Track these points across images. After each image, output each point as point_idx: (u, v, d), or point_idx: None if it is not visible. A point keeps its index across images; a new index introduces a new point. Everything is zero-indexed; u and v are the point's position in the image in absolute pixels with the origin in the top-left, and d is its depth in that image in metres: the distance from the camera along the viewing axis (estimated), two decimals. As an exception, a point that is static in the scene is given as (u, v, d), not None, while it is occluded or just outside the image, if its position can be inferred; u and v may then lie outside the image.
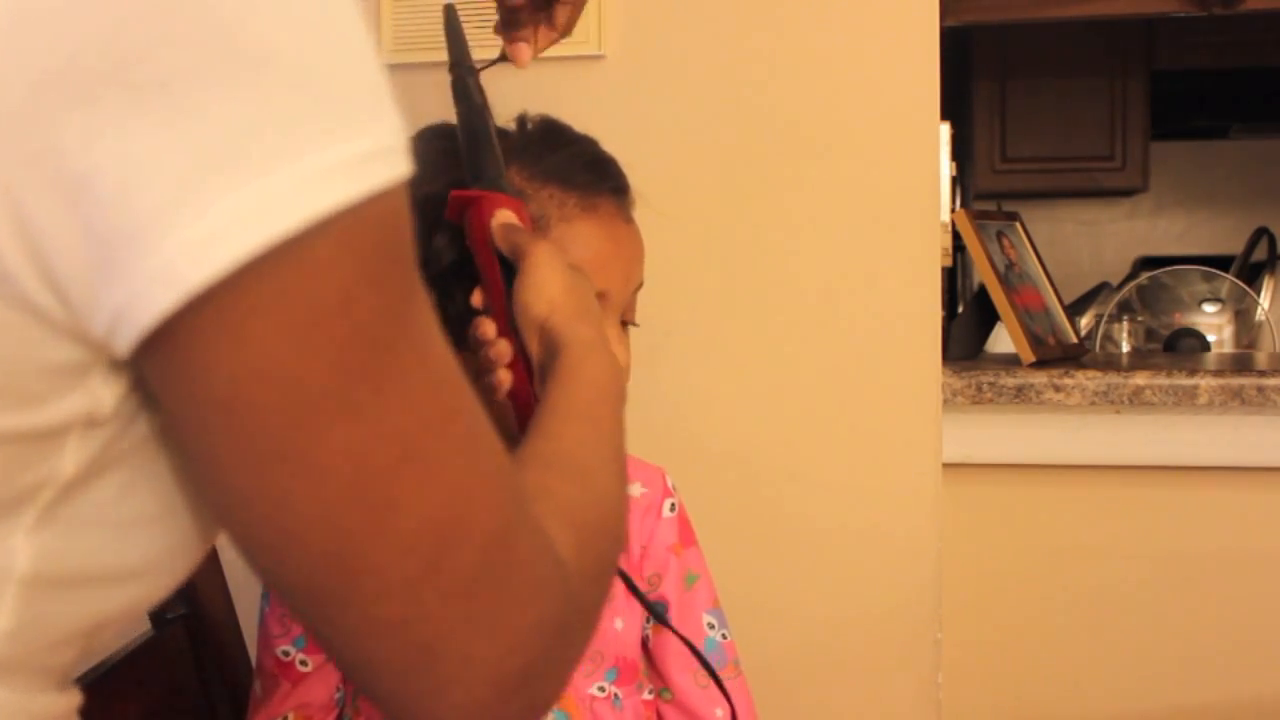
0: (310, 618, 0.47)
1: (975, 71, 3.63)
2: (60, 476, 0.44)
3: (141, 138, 0.39)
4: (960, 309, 3.32)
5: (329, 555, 0.44)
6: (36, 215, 0.39)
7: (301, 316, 0.41)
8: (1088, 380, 1.46)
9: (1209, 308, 2.52)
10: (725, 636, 1.08)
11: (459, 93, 0.88)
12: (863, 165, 1.30)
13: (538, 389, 0.76)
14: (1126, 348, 2.40)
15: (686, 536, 1.09)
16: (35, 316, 0.41)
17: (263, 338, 0.41)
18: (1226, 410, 1.46)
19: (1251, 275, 2.73)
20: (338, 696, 0.98)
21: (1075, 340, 1.70)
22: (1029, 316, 1.59)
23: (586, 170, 0.96)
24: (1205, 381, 1.45)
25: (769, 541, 1.32)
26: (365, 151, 0.42)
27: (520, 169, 0.94)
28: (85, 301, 0.41)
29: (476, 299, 0.84)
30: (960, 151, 3.53)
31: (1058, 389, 1.47)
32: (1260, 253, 2.86)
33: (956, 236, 1.66)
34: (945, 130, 1.55)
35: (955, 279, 3.41)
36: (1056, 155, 3.64)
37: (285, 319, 0.41)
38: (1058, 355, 1.60)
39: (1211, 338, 2.48)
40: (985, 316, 1.72)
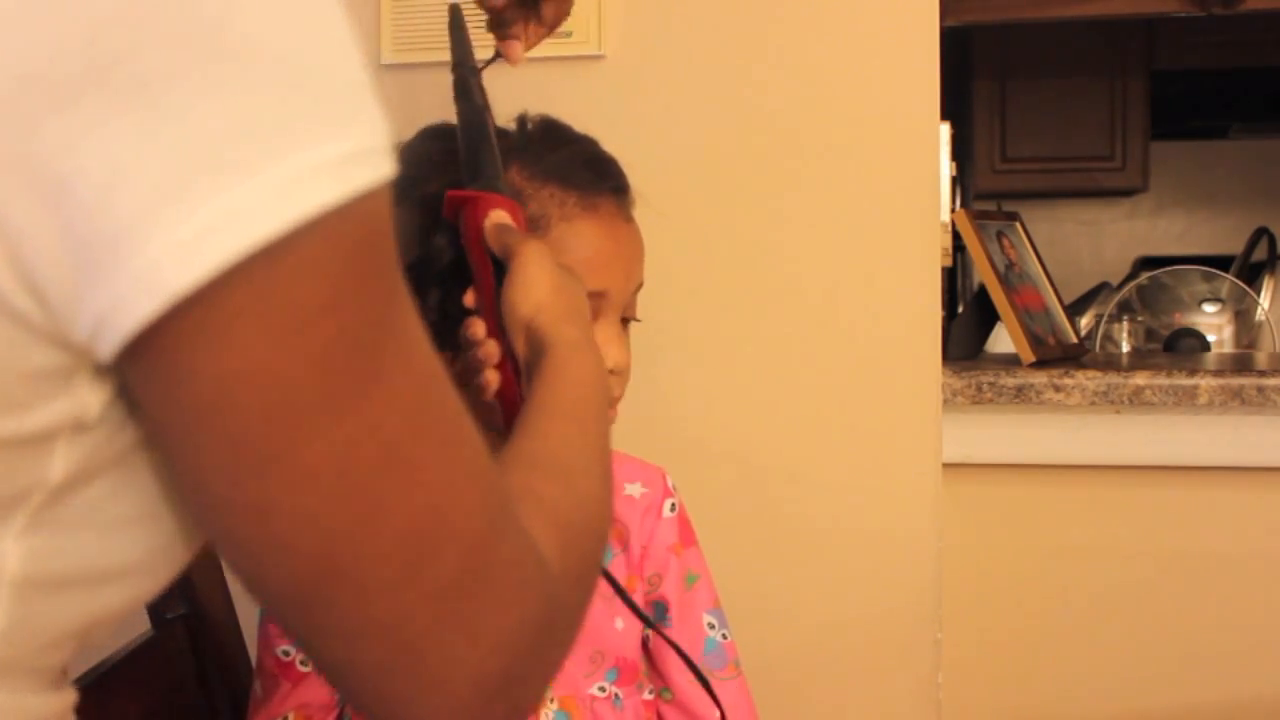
0: (292, 621, 0.47)
1: (975, 71, 3.63)
2: (49, 481, 0.44)
3: (122, 140, 0.38)
4: (960, 309, 3.32)
5: (312, 559, 0.44)
6: (14, 218, 0.39)
7: (285, 320, 0.41)
8: (1088, 380, 1.46)
9: (1209, 308, 2.52)
10: (725, 636, 1.08)
11: (460, 92, 0.88)
12: (863, 165, 1.30)
13: (524, 389, 0.75)
14: (1126, 348, 2.39)
15: (687, 536, 1.09)
16: (14, 321, 0.41)
17: (246, 342, 0.41)
18: (1226, 410, 1.46)
19: (1251, 275, 2.73)
20: (338, 696, 0.98)
21: (1075, 340, 1.70)
22: (1029, 316, 1.59)
23: (587, 169, 0.96)
24: (1205, 381, 1.44)
25: (769, 541, 1.32)
26: (349, 152, 0.42)
27: (521, 168, 0.94)
28: (66, 306, 0.40)
29: (468, 299, 0.84)
30: (960, 151, 3.53)
31: (1058, 389, 1.47)
32: (1260, 253, 2.85)
33: (956, 236, 1.66)
34: (945, 130, 1.55)
35: (955, 279, 3.41)
36: (1056, 155, 3.64)
37: (268, 323, 0.41)
38: (1058, 355, 1.60)
39: (1211, 338, 2.48)
40: (985, 316, 1.72)
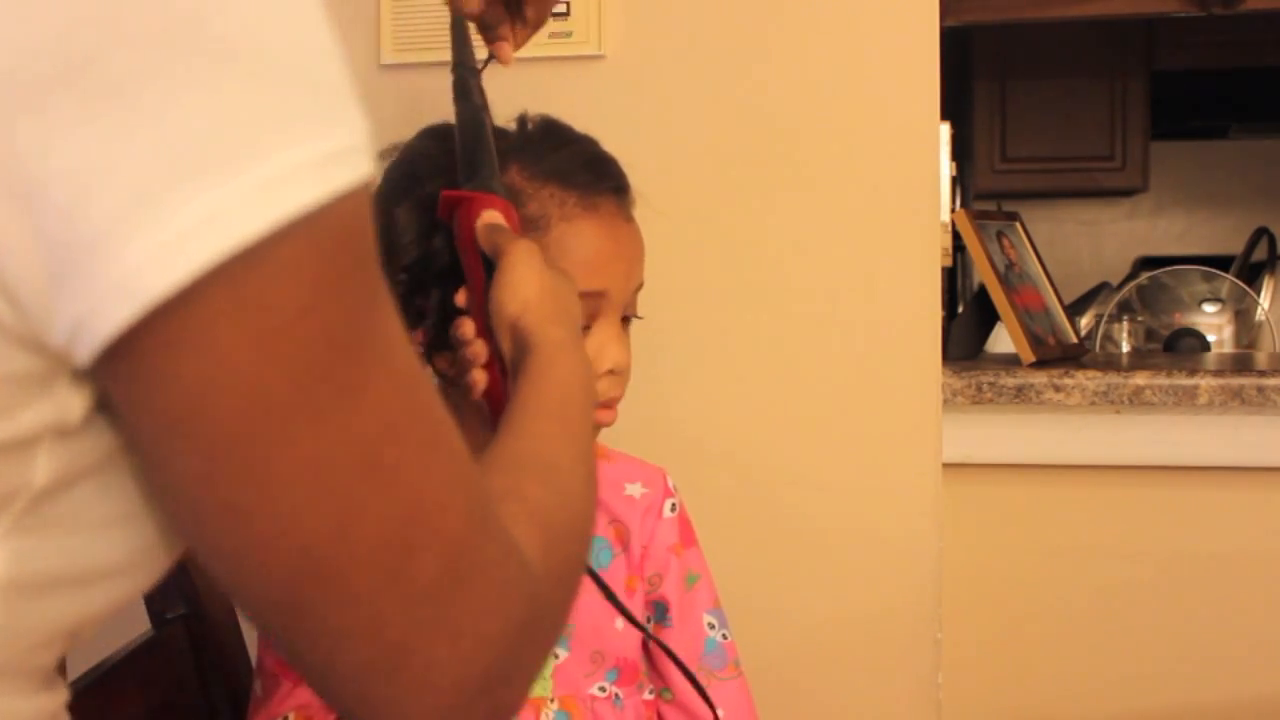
0: (272, 625, 0.47)
1: (975, 71, 3.63)
2: (33, 486, 0.43)
3: (97, 142, 0.38)
4: (960, 309, 3.32)
5: (292, 563, 0.44)
6: None
7: (263, 324, 0.40)
8: (1088, 380, 1.46)
9: (1209, 308, 2.52)
10: (726, 637, 1.08)
11: (460, 92, 0.89)
12: (863, 165, 1.30)
13: (511, 389, 0.75)
14: (1126, 348, 2.39)
15: (687, 537, 1.09)
16: None
17: (225, 346, 0.40)
18: (1226, 410, 1.46)
19: (1251, 275, 2.73)
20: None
21: (1075, 340, 1.69)
22: (1029, 316, 1.59)
23: (587, 169, 0.96)
24: (1205, 381, 1.44)
25: (769, 541, 1.32)
26: (329, 151, 0.41)
27: (521, 168, 0.94)
28: (41, 311, 0.40)
29: (460, 298, 0.84)
30: (960, 151, 3.53)
31: (1058, 389, 1.47)
32: (1260, 253, 2.85)
33: (956, 236, 1.66)
34: (945, 130, 1.55)
35: (955, 279, 3.41)
36: (1056, 155, 3.64)
37: (247, 326, 0.40)
38: (1058, 355, 1.60)
39: (1211, 338, 2.48)
40: (985, 316, 1.72)
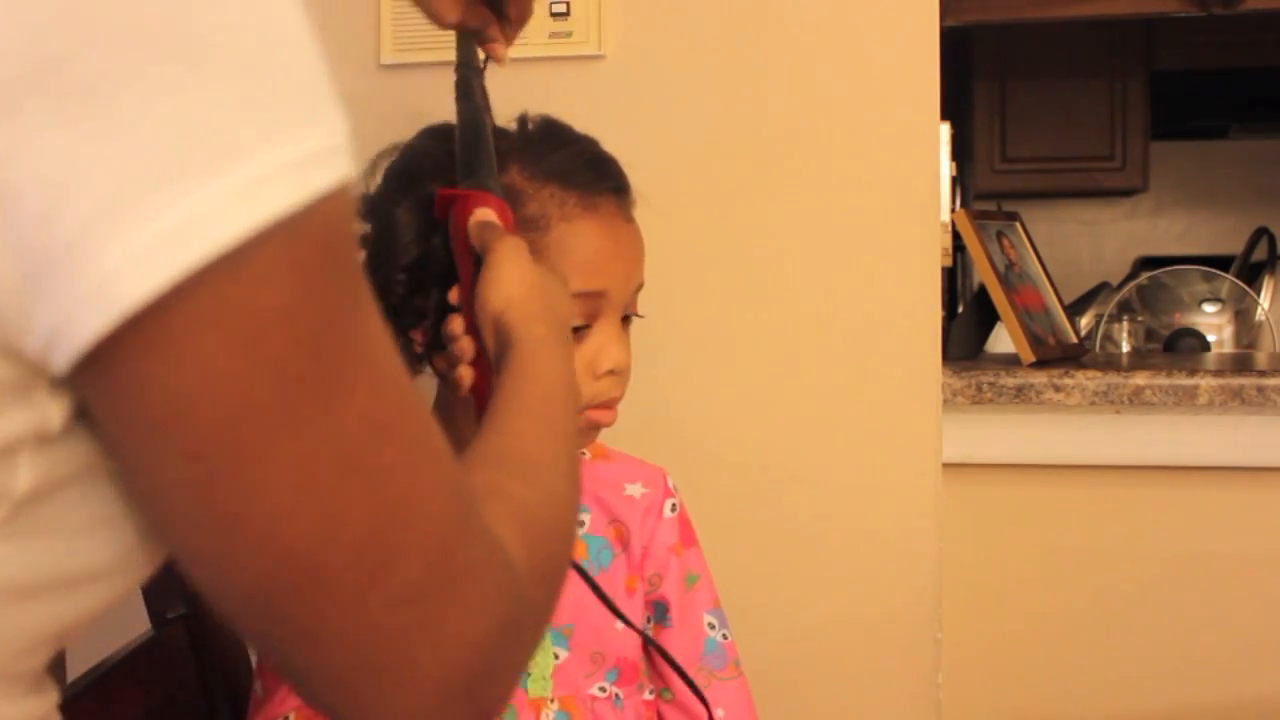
0: (253, 628, 0.46)
1: (975, 71, 3.63)
2: (14, 493, 0.42)
3: (71, 147, 0.37)
4: (960, 309, 3.32)
5: (274, 568, 0.43)
6: None
7: (242, 329, 0.40)
8: (1088, 380, 1.46)
9: (1209, 308, 2.52)
10: (726, 637, 1.08)
11: (462, 91, 0.89)
12: (863, 165, 1.30)
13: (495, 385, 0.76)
14: (1126, 348, 2.39)
15: (687, 537, 1.09)
16: None
17: (204, 352, 0.40)
18: (1226, 410, 1.46)
19: (1251, 275, 2.73)
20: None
21: (1075, 340, 1.70)
22: (1029, 316, 1.59)
23: (587, 169, 0.96)
24: (1205, 381, 1.44)
25: (769, 542, 1.32)
26: (308, 153, 0.40)
27: (521, 168, 0.94)
28: (17, 318, 0.39)
29: (453, 295, 0.84)
30: (960, 151, 3.53)
31: (1058, 389, 1.47)
32: (1260, 253, 2.85)
33: (956, 236, 1.66)
34: (945, 130, 1.55)
35: (955, 279, 3.41)
36: (1056, 155, 3.64)
37: (227, 332, 0.40)
38: (1058, 355, 1.60)
39: (1211, 338, 2.48)
40: (985, 316, 1.72)
